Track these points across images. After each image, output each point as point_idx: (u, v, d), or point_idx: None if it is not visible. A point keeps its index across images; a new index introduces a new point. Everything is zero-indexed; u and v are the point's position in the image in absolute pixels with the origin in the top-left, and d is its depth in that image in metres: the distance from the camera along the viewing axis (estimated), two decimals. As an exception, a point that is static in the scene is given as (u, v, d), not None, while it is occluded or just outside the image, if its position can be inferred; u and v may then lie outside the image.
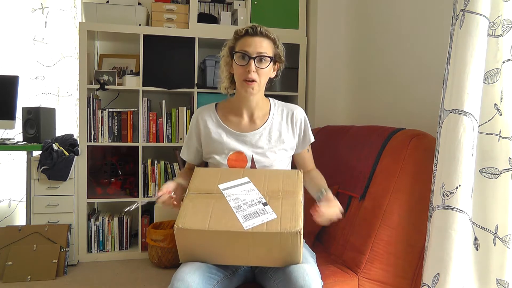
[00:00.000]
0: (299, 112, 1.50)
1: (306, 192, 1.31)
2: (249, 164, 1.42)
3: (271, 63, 1.39)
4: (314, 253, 1.40)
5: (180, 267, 1.19)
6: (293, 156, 1.53)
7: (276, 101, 1.53)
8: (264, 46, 1.36)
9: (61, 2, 2.79)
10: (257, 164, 1.41)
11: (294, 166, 1.56)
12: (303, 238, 1.17)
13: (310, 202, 1.27)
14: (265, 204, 1.21)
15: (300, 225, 1.13)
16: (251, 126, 1.45)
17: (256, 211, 1.18)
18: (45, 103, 2.76)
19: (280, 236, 1.12)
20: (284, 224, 1.13)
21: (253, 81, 1.36)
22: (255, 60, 1.35)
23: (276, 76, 1.47)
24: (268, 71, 1.39)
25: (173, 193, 1.32)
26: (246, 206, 1.20)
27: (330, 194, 1.29)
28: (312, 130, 1.54)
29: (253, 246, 1.14)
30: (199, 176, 1.33)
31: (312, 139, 1.52)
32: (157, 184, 2.63)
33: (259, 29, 1.36)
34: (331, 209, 1.22)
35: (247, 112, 1.46)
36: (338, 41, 2.62)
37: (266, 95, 1.51)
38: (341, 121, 2.60)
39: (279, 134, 1.45)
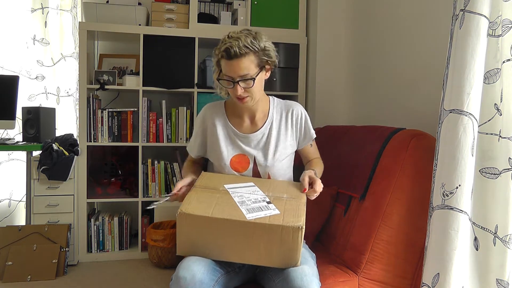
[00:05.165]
0: (297, 109, 1.50)
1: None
2: (251, 165, 1.44)
3: (260, 73, 1.34)
4: (314, 254, 1.40)
5: (184, 258, 1.20)
6: (297, 151, 1.55)
7: (276, 99, 1.53)
8: (244, 67, 1.28)
9: (61, 2, 2.79)
10: (259, 167, 1.43)
11: (298, 157, 1.57)
12: (303, 239, 1.17)
13: (309, 204, 1.28)
14: (268, 203, 1.22)
15: (302, 221, 1.14)
16: (252, 128, 1.47)
17: (260, 207, 1.20)
18: (45, 103, 2.76)
19: (282, 229, 1.12)
20: (287, 219, 1.14)
21: (245, 97, 1.35)
22: (239, 83, 1.31)
23: (271, 74, 1.44)
24: (258, 83, 1.34)
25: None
26: (250, 202, 1.22)
27: (312, 174, 1.35)
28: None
29: (253, 239, 1.14)
30: (206, 178, 1.38)
31: (314, 135, 1.53)
32: (157, 184, 2.63)
33: (232, 51, 1.25)
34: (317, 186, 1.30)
35: (248, 115, 1.48)
36: (338, 41, 2.62)
37: (267, 94, 1.51)
38: (341, 121, 2.60)
39: (278, 133, 1.46)
